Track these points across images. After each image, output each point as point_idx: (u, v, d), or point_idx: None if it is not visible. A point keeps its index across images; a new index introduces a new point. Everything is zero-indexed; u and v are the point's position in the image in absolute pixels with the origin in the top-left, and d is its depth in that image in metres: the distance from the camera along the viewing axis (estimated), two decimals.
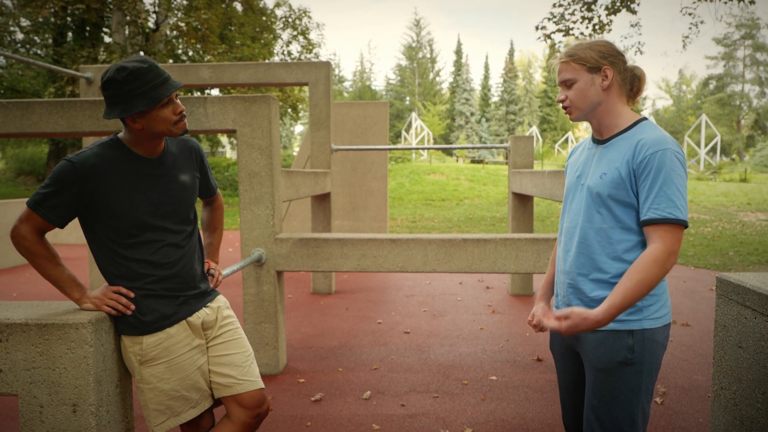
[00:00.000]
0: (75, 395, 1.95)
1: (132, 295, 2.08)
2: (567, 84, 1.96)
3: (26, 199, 10.25)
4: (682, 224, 1.79)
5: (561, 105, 1.97)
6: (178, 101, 2.08)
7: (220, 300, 2.36)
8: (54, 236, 12.08)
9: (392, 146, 7.76)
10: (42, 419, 1.96)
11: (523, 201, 7.21)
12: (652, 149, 1.83)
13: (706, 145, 37.41)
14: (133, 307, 2.07)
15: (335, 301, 7.01)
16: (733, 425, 2.23)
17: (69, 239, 12.17)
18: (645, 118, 1.96)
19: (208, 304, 2.27)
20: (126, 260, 2.08)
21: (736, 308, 2.19)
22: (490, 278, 8.44)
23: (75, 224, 11.93)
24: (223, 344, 2.29)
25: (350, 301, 7.05)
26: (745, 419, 2.15)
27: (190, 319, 2.18)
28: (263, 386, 2.33)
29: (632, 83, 1.99)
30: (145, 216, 2.08)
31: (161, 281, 2.11)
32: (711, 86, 62.85)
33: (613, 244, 1.91)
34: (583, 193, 1.99)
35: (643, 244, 1.90)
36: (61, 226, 2.03)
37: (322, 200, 7.24)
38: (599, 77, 1.92)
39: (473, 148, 7.82)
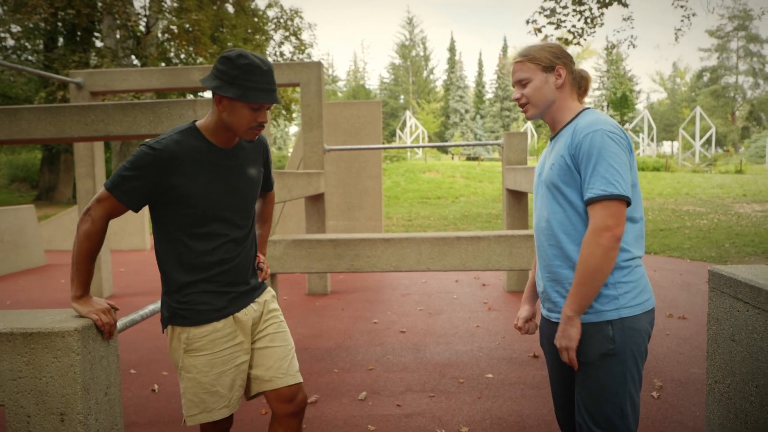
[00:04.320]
0: (62, 404, 1.93)
1: (114, 322, 2.11)
2: (522, 83, 2.05)
3: (20, 206, 10.19)
4: (617, 198, 1.82)
5: (517, 103, 2.05)
6: (267, 116, 2.12)
7: (268, 294, 2.40)
8: (50, 242, 12.03)
9: (385, 145, 7.74)
10: (29, 429, 1.94)
11: (517, 197, 7.19)
12: (584, 132, 1.90)
13: (701, 138, 37.45)
14: (113, 335, 2.12)
15: (331, 302, 6.99)
16: (728, 419, 2.21)
17: (64, 246, 12.11)
18: (587, 108, 2.04)
19: (256, 299, 2.32)
20: (189, 250, 2.12)
21: (729, 301, 2.17)
22: (486, 275, 8.43)
23: (70, 229, 11.88)
24: (267, 336, 2.33)
25: (346, 301, 7.03)
26: (740, 412, 2.14)
27: (237, 315, 2.22)
28: (302, 380, 2.38)
29: (580, 84, 2.09)
30: (215, 206, 2.13)
31: (219, 276, 2.16)
32: (705, 78, 62.99)
33: (578, 231, 1.95)
34: (543, 188, 2.06)
35: None
36: (135, 210, 2.08)
37: (315, 201, 7.22)
38: (553, 76, 2.02)
39: (466, 145, 7.81)
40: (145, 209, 10.63)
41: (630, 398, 1.93)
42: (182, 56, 21.80)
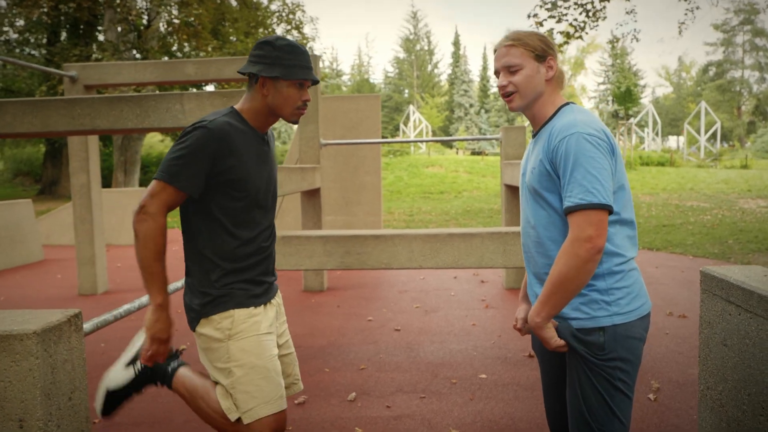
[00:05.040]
0: (21, 410, 1.85)
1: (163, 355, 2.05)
2: (511, 70, 1.89)
3: (17, 201, 10.12)
4: (597, 207, 1.69)
5: (502, 91, 1.91)
6: (308, 95, 2.11)
7: (280, 296, 2.36)
8: (48, 237, 11.98)
9: (382, 140, 7.65)
10: None
11: (516, 193, 7.09)
12: (559, 137, 1.77)
13: (706, 132, 37.21)
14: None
15: (327, 299, 6.91)
16: (720, 427, 2.12)
17: (63, 240, 12.06)
18: (568, 103, 1.90)
19: (275, 296, 2.28)
20: (233, 238, 2.06)
21: (721, 304, 2.07)
22: (485, 272, 8.33)
23: (68, 224, 11.81)
24: (283, 344, 2.30)
25: (342, 298, 6.94)
26: (732, 421, 2.04)
27: (267, 306, 2.19)
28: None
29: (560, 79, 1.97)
30: (259, 192, 2.10)
31: (256, 265, 2.13)
32: (711, 73, 62.60)
33: (563, 237, 1.83)
34: (526, 190, 1.94)
35: None
36: (197, 197, 2.01)
37: (311, 196, 7.13)
38: (544, 67, 1.89)
39: (464, 140, 7.71)
40: None
41: (622, 408, 1.83)
42: (186, 50, 21.70)
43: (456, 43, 64.75)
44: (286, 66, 2.00)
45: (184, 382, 2.11)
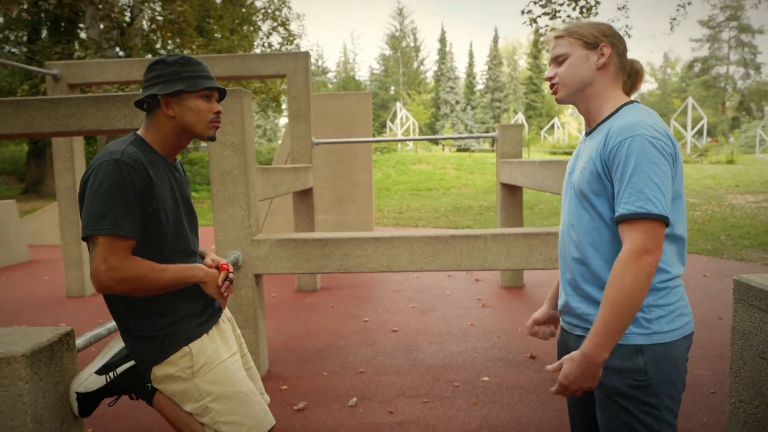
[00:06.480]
0: None
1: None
2: (559, 60, 1.74)
3: (3, 201, 9.87)
4: (656, 219, 1.52)
5: (549, 83, 1.74)
6: (219, 106, 1.94)
7: (227, 310, 2.22)
8: (35, 237, 11.74)
9: (374, 138, 7.52)
10: None
11: (512, 191, 6.99)
12: (620, 137, 1.58)
13: (692, 128, 37.41)
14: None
15: (321, 299, 6.78)
16: None
17: (49, 240, 11.82)
18: (631, 102, 1.72)
19: (223, 312, 2.14)
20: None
21: (759, 315, 1.96)
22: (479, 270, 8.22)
23: (54, 223, 11.60)
24: (243, 358, 2.18)
25: (336, 298, 6.81)
26: None
27: (219, 325, 2.06)
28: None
29: (629, 75, 1.77)
30: (180, 219, 1.93)
31: (195, 293, 1.97)
32: (696, 69, 62.91)
33: (606, 245, 1.66)
34: (571, 191, 1.76)
35: None
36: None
37: (304, 196, 6.99)
38: (595, 54, 1.70)
39: (460, 138, 7.60)
40: None
41: None
42: (170, 47, 21.42)
43: (442, 40, 64.65)
44: (187, 78, 1.85)
45: (168, 405, 1.95)
